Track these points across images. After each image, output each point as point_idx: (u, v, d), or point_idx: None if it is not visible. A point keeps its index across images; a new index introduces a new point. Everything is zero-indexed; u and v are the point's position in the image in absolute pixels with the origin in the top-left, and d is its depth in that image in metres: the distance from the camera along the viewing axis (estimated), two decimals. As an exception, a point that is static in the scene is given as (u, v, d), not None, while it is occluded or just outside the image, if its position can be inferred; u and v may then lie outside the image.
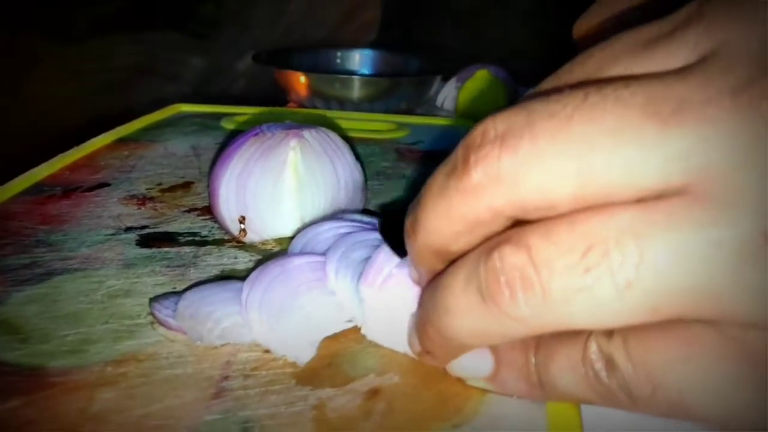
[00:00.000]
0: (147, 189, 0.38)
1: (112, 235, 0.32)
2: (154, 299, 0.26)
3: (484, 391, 0.21)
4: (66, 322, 0.25)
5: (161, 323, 0.25)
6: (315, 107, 0.62)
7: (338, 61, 0.74)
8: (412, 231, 0.20)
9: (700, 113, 0.15)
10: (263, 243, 0.32)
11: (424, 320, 0.21)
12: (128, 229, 0.33)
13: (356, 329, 0.24)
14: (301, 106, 0.64)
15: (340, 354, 0.23)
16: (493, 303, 0.17)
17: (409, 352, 0.23)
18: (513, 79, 0.64)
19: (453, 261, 0.19)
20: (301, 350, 0.23)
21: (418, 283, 0.22)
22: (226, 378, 0.22)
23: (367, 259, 0.24)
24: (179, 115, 0.55)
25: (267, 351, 0.23)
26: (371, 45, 0.82)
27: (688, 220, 0.15)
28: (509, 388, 0.21)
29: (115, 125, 0.49)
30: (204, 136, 0.48)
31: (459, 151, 0.18)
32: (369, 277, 0.23)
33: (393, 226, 0.23)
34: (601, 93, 0.16)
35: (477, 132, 0.18)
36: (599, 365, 0.19)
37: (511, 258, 0.17)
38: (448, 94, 0.67)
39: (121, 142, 0.47)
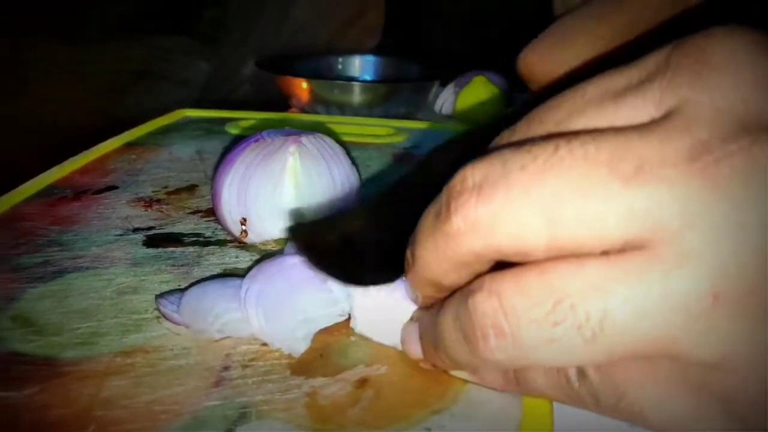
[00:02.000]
0: (154, 192, 0.40)
1: (121, 235, 0.34)
2: (159, 296, 0.28)
3: (465, 381, 0.23)
4: (77, 317, 0.27)
5: (166, 318, 0.26)
6: (316, 112, 0.64)
7: (339, 66, 0.76)
8: (410, 262, 0.22)
9: (658, 173, 0.16)
10: (263, 243, 0.33)
11: (426, 342, 0.23)
12: (136, 230, 0.35)
13: (347, 324, 0.26)
14: (303, 111, 0.65)
15: (332, 346, 0.25)
16: (472, 346, 0.19)
17: (391, 344, 0.25)
18: (510, 85, 0.66)
19: (451, 291, 0.21)
20: (296, 343, 0.24)
21: (414, 302, 0.24)
22: (226, 368, 0.24)
23: None
24: (185, 120, 0.56)
25: (264, 344, 0.25)
26: (374, 50, 0.83)
27: (645, 277, 0.16)
28: (489, 382, 0.23)
29: (122, 128, 0.51)
30: (209, 141, 0.50)
31: (443, 196, 0.19)
32: None
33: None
34: (569, 147, 0.17)
35: (458, 179, 0.19)
36: (572, 372, 0.20)
37: (482, 306, 0.18)
38: (446, 100, 0.68)
39: (129, 146, 0.49)
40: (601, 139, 0.17)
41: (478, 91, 0.60)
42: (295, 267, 0.26)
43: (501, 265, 0.19)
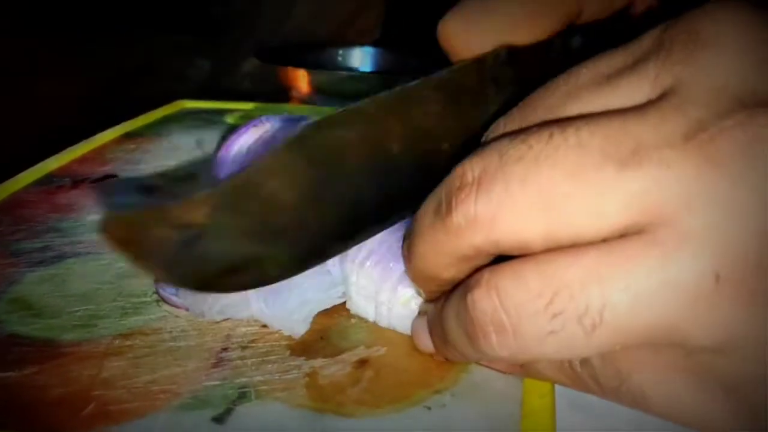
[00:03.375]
0: (153, 180, 0.40)
1: (120, 222, 0.34)
2: (158, 279, 0.28)
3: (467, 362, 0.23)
4: (76, 300, 0.26)
5: (166, 301, 0.26)
6: (316, 104, 0.64)
7: (340, 58, 0.76)
8: (407, 256, 0.22)
9: (654, 155, 0.16)
10: (263, 229, 0.33)
11: (435, 337, 0.22)
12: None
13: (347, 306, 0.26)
14: (303, 102, 0.65)
15: (332, 328, 0.25)
16: (474, 344, 0.19)
17: (387, 325, 0.25)
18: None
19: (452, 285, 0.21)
20: (296, 324, 0.24)
21: (419, 295, 0.24)
22: (225, 349, 0.24)
23: None
24: (184, 111, 0.56)
25: (264, 325, 0.25)
26: (375, 43, 0.83)
27: (645, 262, 0.16)
28: (493, 366, 0.23)
29: (123, 122, 0.51)
30: (208, 131, 0.50)
31: (443, 191, 0.19)
32: (350, 254, 0.25)
33: None
34: (564, 134, 0.17)
35: (457, 174, 0.19)
36: None
37: (481, 303, 0.18)
38: (447, 91, 0.68)
39: (128, 136, 0.48)
40: (595, 124, 0.17)
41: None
42: None
43: (501, 258, 0.19)
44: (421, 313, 0.24)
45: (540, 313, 0.17)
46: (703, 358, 0.17)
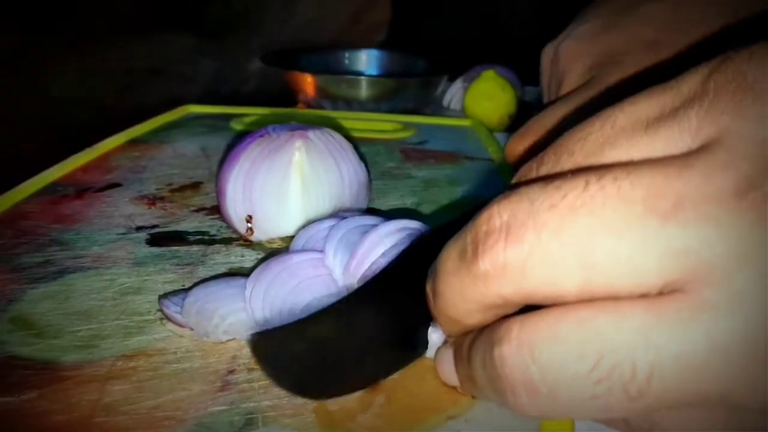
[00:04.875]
0: (157, 189, 0.39)
1: (123, 234, 0.33)
2: (163, 296, 0.27)
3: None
4: (78, 319, 0.26)
5: (170, 319, 0.25)
6: (323, 108, 0.63)
7: (346, 61, 0.75)
8: (432, 297, 0.20)
9: (701, 211, 0.15)
10: (270, 241, 0.32)
11: (462, 374, 0.21)
12: (139, 229, 0.34)
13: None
14: (310, 106, 0.65)
15: (342, 349, 0.24)
16: (502, 398, 0.18)
17: None
18: (519, 79, 0.65)
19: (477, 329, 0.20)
20: None
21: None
22: (231, 372, 0.23)
23: None
24: (189, 116, 0.56)
25: (271, 346, 0.24)
26: (381, 45, 0.82)
27: (693, 325, 0.15)
28: None
29: (128, 126, 0.50)
30: (213, 137, 0.49)
31: (468, 235, 0.18)
32: (351, 269, 0.24)
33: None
34: (601, 183, 0.16)
35: (483, 218, 0.18)
36: None
37: (511, 359, 0.17)
38: (455, 95, 0.67)
39: (133, 143, 0.48)
40: (635, 175, 0.16)
41: (486, 86, 0.59)
42: (300, 265, 0.25)
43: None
44: (448, 343, 0.22)
45: (582, 377, 0.16)
46: (747, 416, 0.16)
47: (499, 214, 0.17)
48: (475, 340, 0.19)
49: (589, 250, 0.16)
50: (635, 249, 0.15)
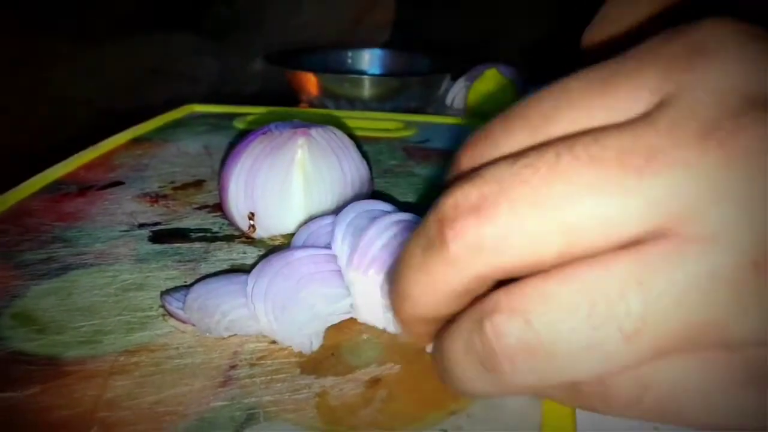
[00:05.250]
0: (160, 187, 0.39)
1: (126, 231, 0.33)
2: (165, 292, 0.27)
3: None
4: (81, 315, 0.26)
5: (172, 315, 0.25)
6: (326, 107, 0.63)
7: (349, 61, 0.75)
8: (397, 303, 0.20)
9: (671, 158, 0.16)
10: (272, 239, 0.33)
11: (441, 378, 0.20)
12: (141, 226, 0.34)
13: (359, 321, 0.25)
14: (312, 105, 0.65)
15: (343, 344, 0.24)
16: (495, 374, 0.17)
17: (391, 330, 0.25)
18: (522, 78, 0.65)
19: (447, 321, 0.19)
20: (305, 340, 0.24)
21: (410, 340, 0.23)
22: (233, 367, 0.23)
23: None
24: (192, 115, 0.56)
25: (273, 342, 0.24)
26: (384, 44, 0.82)
27: (682, 261, 0.16)
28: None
29: (131, 126, 0.50)
30: (216, 136, 0.49)
31: (432, 226, 0.18)
32: (354, 261, 0.24)
33: None
34: (573, 153, 0.17)
35: (448, 205, 0.18)
36: None
37: (505, 328, 0.17)
38: (458, 93, 0.67)
39: (136, 141, 0.48)
40: (604, 139, 0.17)
41: (489, 84, 0.59)
42: (302, 261, 0.25)
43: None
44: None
45: (579, 328, 0.16)
46: (748, 353, 0.17)
47: (465, 198, 0.17)
48: (451, 331, 0.19)
49: (568, 214, 0.16)
50: (615, 206, 0.16)
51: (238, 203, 0.32)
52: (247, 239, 0.33)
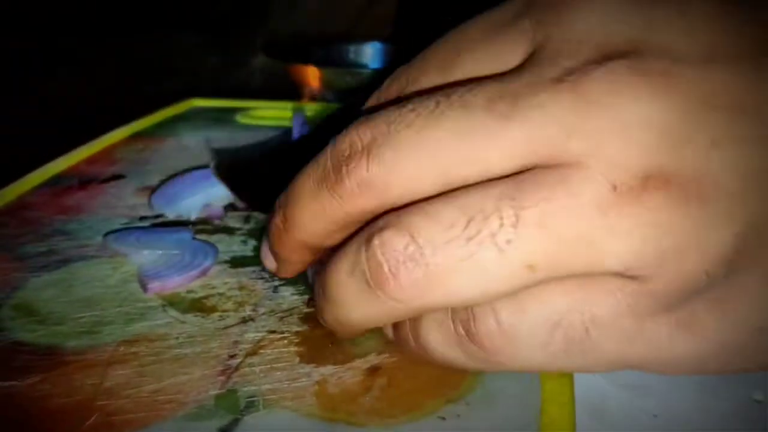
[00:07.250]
0: (161, 181, 0.39)
1: (127, 224, 0.33)
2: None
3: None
4: (81, 306, 0.26)
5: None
6: (328, 101, 0.63)
7: (351, 55, 0.75)
8: (284, 228, 0.22)
9: (529, 102, 0.18)
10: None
11: (319, 310, 0.22)
12: (142, 219, 0.34)
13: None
14: (314, 99, 0.65)
15: (343, 334, 0.24)
16: (379, 289, 0.19)
17: None
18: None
19: (325, 250, 0.22)
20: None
21: (276, 272, 0.26)
22: (232, 356, 0.23)
23: None
24: (194, 109, 0.56)
25: (272, 331, 0.24)
26: (387, 39, 0.82)
27: (546, 184, 0.17)
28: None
29: (132, 120, 0.50)
30: (217, 130, 0.49)
31: (329, 160, 0.20)
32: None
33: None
34: (449, 100, 0.19)
35: (345, 143, 0.20)
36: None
37: (392, 242, 0.18)
38: (459, 87, 0.67)
39: (137, 136, 0.48)
40: (477, 87, 0.19)
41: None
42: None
43: None
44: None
45: (455, 240, 0.18)
46: (630, 287, 0.18)
47: (360, 137, 0.20)
48: (337, 255, 0.20)
49: (442, 157, 0.18)
50: (482, 149, 0.18)
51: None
52: (248, 232, 0.33)
